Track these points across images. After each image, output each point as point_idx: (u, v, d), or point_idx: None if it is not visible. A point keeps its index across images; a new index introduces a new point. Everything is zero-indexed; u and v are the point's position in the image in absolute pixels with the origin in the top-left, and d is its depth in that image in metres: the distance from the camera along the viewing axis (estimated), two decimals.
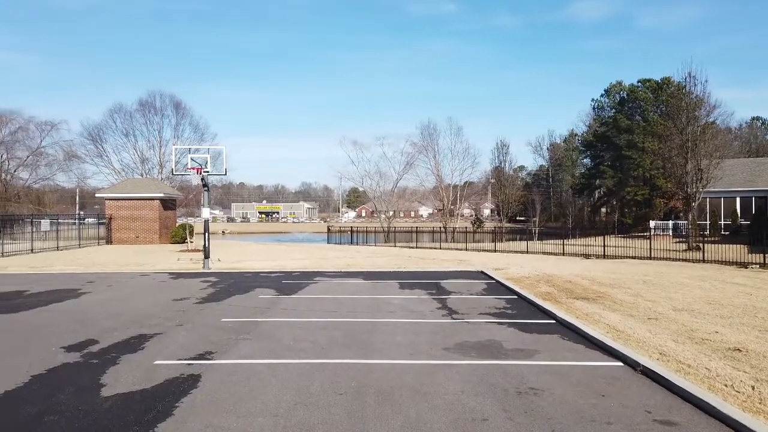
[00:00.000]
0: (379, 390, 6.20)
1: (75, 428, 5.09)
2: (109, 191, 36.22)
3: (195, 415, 5.43)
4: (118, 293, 13.90)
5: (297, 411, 5.55)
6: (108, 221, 33.95)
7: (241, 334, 9.05)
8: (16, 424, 5.20)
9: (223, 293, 13.72)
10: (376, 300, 12.64)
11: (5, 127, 49.79)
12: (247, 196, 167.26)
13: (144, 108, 56.43)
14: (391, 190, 59.62)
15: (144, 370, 6.99)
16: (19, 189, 50.57)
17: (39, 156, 51.60)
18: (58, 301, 12.57)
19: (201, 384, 6.41)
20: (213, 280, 16.47)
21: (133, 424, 5.19)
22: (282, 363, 7.29)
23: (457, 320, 10.30)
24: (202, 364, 7.27)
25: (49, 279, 16.75)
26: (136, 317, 10.52)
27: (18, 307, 11.76)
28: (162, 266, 20.31)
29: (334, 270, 19.06)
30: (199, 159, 19.95)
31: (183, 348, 8.13)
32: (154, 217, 34.03)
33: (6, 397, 5.94)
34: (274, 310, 11.30)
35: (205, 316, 10.65)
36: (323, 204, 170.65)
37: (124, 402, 5.80)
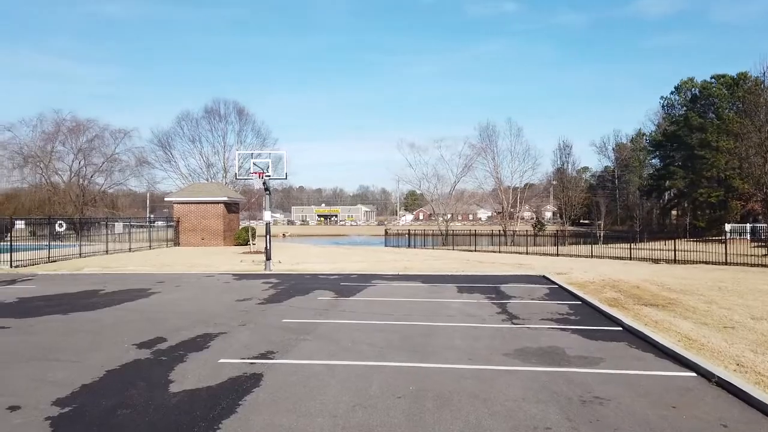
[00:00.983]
0: (437, 394, 6.14)
1: (146, 422, 5.32)
2: (176, 195, 37.82)
3: (257, 413, 5.56)
4: (185, 293, 14.47)
5: (356, 413, 5.58)
6: (176, 224, 35.47)
7: (301, 335, 9.20)
8: (93, 416, 5.49)
9: (283, 294, 14.02)
10: (433, 303, 12.56)
11: (83, 135, 52.96)
12: (306, 200, 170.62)
13: (209, 115, 58.54)
14: (449, 193, 59.19)
15: (209, 367, 7.22)
16: (95, 193, 53.63)
17: (113, 162, 54.53)
18: (130, 300, 13.22)
19: (263, 383, 6.56)
20: (274, 281, 16.85)
21: (199, 419, 5.37)
22: (341, 364, 7.35)
23: (518, 325, 10.07)
24: (264, 363, 7.44)
25: (121, 279, 17.65)
26: (202, 317, 10.91)
27: (94, 305, 12.45)
28: (226, 267, 20.99)
29: (392, 273, 19.10)
30: (260, 163, 20.51)
31: (246, 347, 8.36)
32: (219, 220, 35.25)
33: (83, 391, 6.29)
34: (332, 312, 11.43)
35: (267, 317, 10.91)
36: (381, 207, 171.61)
37: (191, 398, 6.02)
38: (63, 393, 6.16)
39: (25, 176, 50.86)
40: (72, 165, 52.66)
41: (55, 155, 52.12)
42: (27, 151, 50.66)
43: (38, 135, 51.49)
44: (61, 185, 51.82)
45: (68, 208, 48.51)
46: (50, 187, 50.95)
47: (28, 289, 15.26)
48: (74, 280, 17.45)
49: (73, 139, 52.48)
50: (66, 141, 52.46)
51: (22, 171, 50.47)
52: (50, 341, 8.79)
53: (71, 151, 52.65)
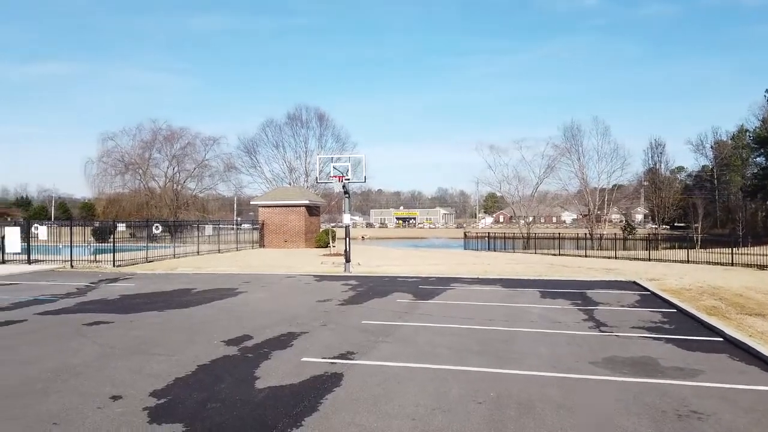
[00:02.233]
0: (519, 401, 5.96)
1: (234, 416, 5.54)
2: (261, 199, 39.35)
3: (338, 412, 5.64)
4: (269, 293, 14.99)
5: (435, 416, 5.52)
6: (260, 227, 36.92)
7: (381, 337, 9.26)
8: (186, 408, 5.79)
9: (363, 296, 14.18)
10: (515, 308, 12.24)
11: (177, 143, 56.39)
12: (384, 203, 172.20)
13: (292, 121, 60.59)
14: (531, 195, 57.62)
15: (292, 365, 7.42)
16: (187, 198, 56.90)
17: (203, 168, 57.65)
18: (219, 299, 13.87)
19: (343, 382, 6.65)
20: (353, 283, 17.10)
21: (283, 416, 5.52)
22: (420, 367, 7.32)
23: (606, 333, 9.60)
24: (344, 363, 7.55)
25: (211, 279, 18.58)
26: (285, 316, 11.25)
27: (187, 303, 13.17)
28: (307, 269, 21.55)
29: (471, 276, 18.83)
30: (340, 167, 20.90)
31: (327, 347, 8.52)
32: (301, 222, 36.32)
33: (177, 384, 6.65)
34: (411, 315, 11.42)
35: (347, 318, 11.07)
36: (459, 209, 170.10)
37: (275, 395, 6.20)
38: (159, 385, 6.55)
39: (126, 182, 54.87)
40: (167, 171, 56.26)
41: (152, 162, 55.86)
42: (128, 158, 54.64)
43: (137, 143, 55.40)
44: (157, 190, 55.42)
45: (164, 211, 51.81)
46: (148, 191, 54.63)
47: (128, 287, 16.41)
48: (169, 279, 18.57)
49: (168, 146, 56.06)
50: (162, 148, 56.12)
51: (124, 177, 54.50)
52: (148, 336, 9.38)
53: (166, 158, 56.27)
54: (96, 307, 12.41)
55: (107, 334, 9.51)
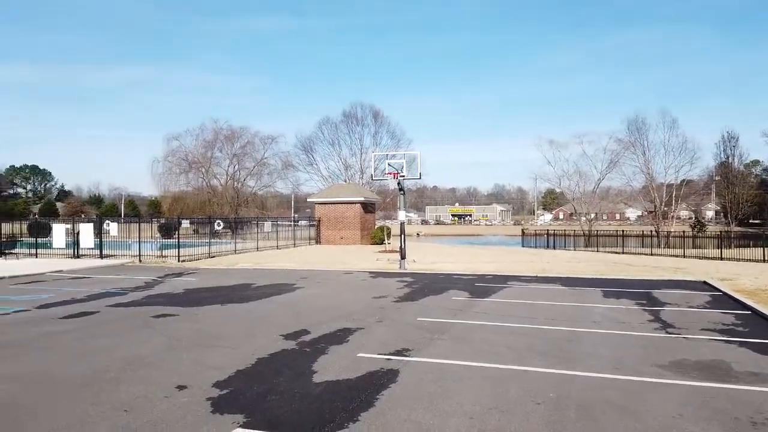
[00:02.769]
0: (580, 403, 5.78)
1: (293, 409, 5.65)
2: (317, 196, 39.99)
3: (394, 408, 5.65)
4: (325, 289, 15.21)
5: (492, 415, 5.44)
6: (317, 223, 37.52)
7: (436, 334, 9.21)
8: (246, 400, 5.95)
9: (418, 293, 14.16)
10: (576, 308, 11.90)
11: (237, 142, 58.13)
12: (440, 199, 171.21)
13: (347, 119, 61.29)
14: (593, 191, 55.69)
15: (349, 361, 7.50)
16: (247, 195, 58.58)
17: (262, 166, 59.19)
18: (277, 294, 14.19)
19: (399, 379, 6.66)
20: (408, 280, 17.10)
21: (340, 410, 5.58)
22: (476, 366, 7.23)
23: (673, 335, 9.18)
24: (400, 360, 7.56)
25: (270, 274, 19.03)
26: (341, 312, 11.38)
27: (247, 298, 13.55)
28: (363, 265, 21.72)
29: (530, 274, 18.44)
30: (395, 164, 20.93)
31: (382, 343, 8.55)
32: (356, 219, 36.66)
33: (238, 376, 6.85)
34: (468, 313, 11.30)
35: (402, 315, 11.08)
36: (517, 206, 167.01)
37: (332, 389, 6.28)
38: (221, 377, 6.77)
39: (190, 180, 57.05)
40: (228, 169, 58.10)
41: (214, 161, 57.83)
42: (191, 157, 56.76)
43: (200, 143, 57.49)
44: (218, 188, 57.31)
45: (225, 208, 53.55)
46: (210, 189, 56.59)
47: (192, 281, 17.05)
48: (230, 274, 19.17)
49: (228, 145, 57.87)
50: (223, 148, 58.00)
51: (187, 176, 56.68)
52: (210, 329, 9.71)
53: (227, 157, 58.12)
54: (162, 301, 12.96)
55: (173, 327, 9.91)
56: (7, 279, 17.33)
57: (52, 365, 7.31)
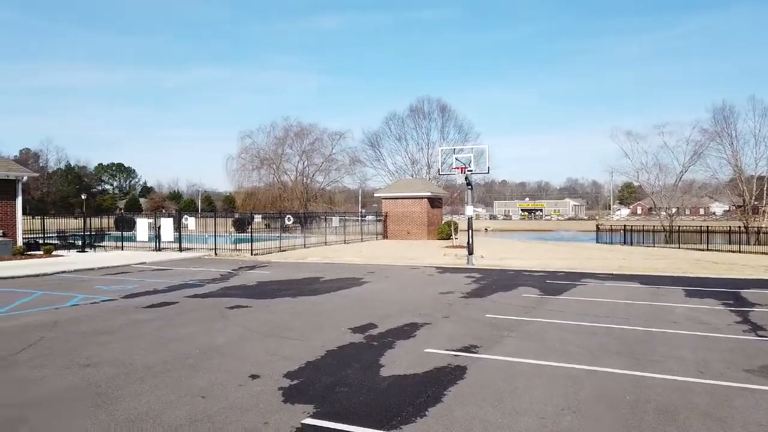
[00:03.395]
0: (660, 407, 5.49)
1: (360, 402, 5.71)
2: (384, 191, 40.20)
3: (461, 405, 5.58)
4: (392, 284, 15.27)
5: (564, 416, 5.26)
6: (383, 218, 37.75)
7: (505, 331, 9.03)
8: (316, 391, 6.07)
9: (486, 289, 13.94)
10: (655, 307, 11.32)
11: (306, 138, 59.45)
12: (509, 194, 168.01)
13: (414, 114, 61.24)
14: (674, 184, 52.73)
15: (415, 356, 7.49)
16: (316, 191, 59.84)
17: (330, 162, 60.19)
18: (345, 287, 14.40)
19: (467, 376, 6.58)
20: (476, 276, 16.87)
21: (407, 405, 5.58)
22: (547, 365, 7.02)
23: (764, 338, 8.54)
24: (467, 356, 7.47)
25: (338, 268, 19.34)
26: (407, 307, 11.39)
27: (316, 291, 13.83)
28: (429, 261, 21.65)
29: (605, 272, 17.73)
30: (462, 158, 20.69)
31: (450, 339, 8.48)
32: (423, 214, 36.58)
33: (308, 367, 7.00)
34: (538, 310, 11.01)
35: (470, 311, 10.95)
36: (591, 201, 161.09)
37: (399, 383, 6.29)
38: (292, 367, 6.94)
39: (262, 176, 58.96)
40: (297, 165, 59.53)
41: (284, 157, 59.41)
42: (263, 154, 58.60)
43: (271, 140, 59.24)
44: (289, 183, 58.86)
45: (295, 203, 54.95)
46: (281, 185, 58.22)
47: (264, 274, 17.61)
48: (300, 267, 19.64)
49: (298, 142, 59.28)
50: (293, 144, 59.48)
51: (259, 172, 58.60)
52: (282, 320, 9.98)
53: (297, 153, 59.56)
54: (237, 292, 13.46)
55: (246, 318, 10.27)
56: (97, 270, 18.57)
57: (136, 352, 7.75)
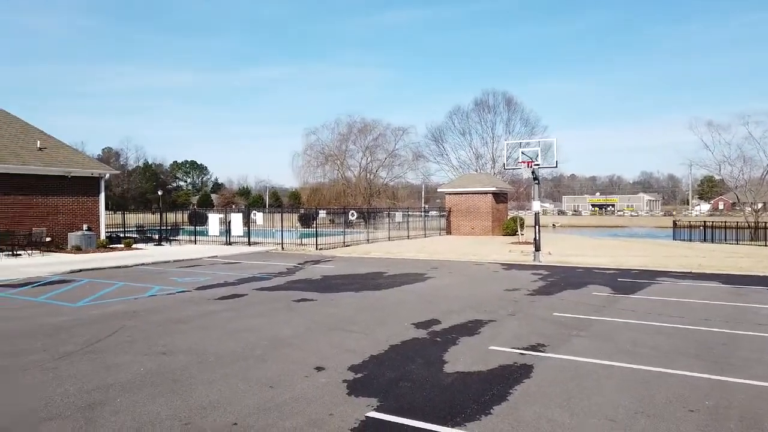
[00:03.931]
0: (743, 414, 5.14)
1: (424, 397, 5.69)
2: (448, 186, 39.90)
3: (527, 404, 5.45)
4: (456, 280, 15.14)
5: (638, 420, 5.03)
6: (447, 214, 37.49)
7: (574, 330, 8.75)
8: (380, 384, 6.11)
9: (554, 287, 13.56)
10: (737, 308, 10.63)
11: (369, 134, 59.98)
12: (578, 189, 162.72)
13: (479, 107, 60.50)
14: (761, 178, 49.16)
15: (480, 353, 7.38)
16: (379, 186, 60.26)
17: (393, 157, 60.48)
18: (408, 283, 14.40)
19: (533, 375, 6.42)
20: (543, 272, 16.45)
21: (471, 402, 5.51)
22: (619, 366, 6.74)
23: None
24: (534, 355, 7.29)
25: (401, 263, 19.38)
26: (472, 303, 11.25)
27: (379, 286, 13.92)
28: (494, 257, 21.31)
29: (682, 270, 16.83)
30: (529, 152, 20.20)
31: (515, 337, 8.31)
32: (487, 209, 36.04)
33: (372, 361, 7.05)
34: (609, 309, 10.60)
35: (536, 308, 10.69)
36: (667, 195, 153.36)
37: (462, 380, 6.23)
38: (356, 360, 7.01)
39: (326, 172, 60.07)
40: (361, 161, 60.20)
41: (348, 153, 60.26)
42: (327, 151, 59.66)
43: (335, 137, 60.22)
44: (352, 179, 59.62)
45: (358, 199, 55.55)
46: (344, 181, 59.05)
47: (328, 268, 17.91)
48: (363, 262, 19.84)
49: (361, 138, 59.93)
50: (356, 140, 60.19)
51: (324, 168, 59.73)
52: (345, 314, 10.12)
53: (360, 149, 60.23)
54: (302, 286, 13.76)
55: (311, 311, 10.48)
56: (172, 263, 19.51)
57: (208, 341, 8.07)
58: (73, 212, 23.86)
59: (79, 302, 11.29)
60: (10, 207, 21.66)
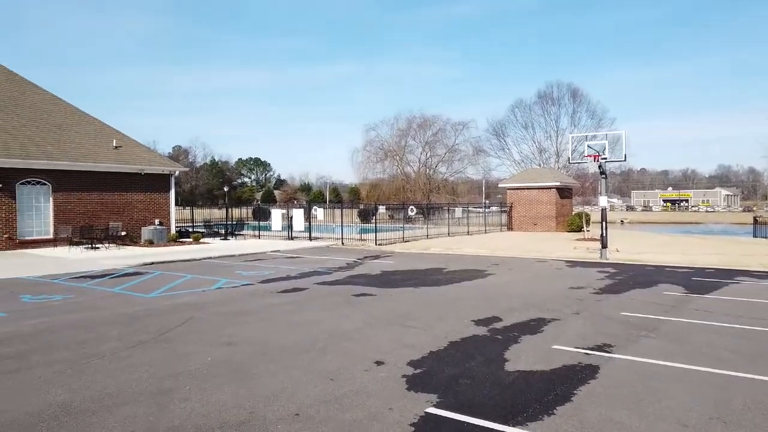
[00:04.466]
0: None
1: (484, 394, 5.61)
2: (509, 181, 39.13)
3: (593, 405, 5.27)
4: (518, 277, 14.83)
5: (712, 426, 4.76)
6: (509, 209, 36.79)
7: (643, 331, 8.38)
8: (439, 380, 6.06)
9: (621, 285, 13.05)
10: None
11: (429, 129, 59.67)
12: (648, 183, 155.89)
13: (542, 100, 58.93)
14: None
15: (542, 352, 7.20)
16: (438, 181, 59.89)
17: (453, 152, 59.89)
18: (468, 279, 14.24)
19: (599, 375, 6.19)
20: (610, 271, 15.86)
21: (533, 401, 5.38)
22: (692, 369, 6.39)
23: None
24: (600, 355, 7.03)
25: (461, 259, 19.19)
26: (534, 301, 10.99)
27: (439, 282, 13.84)
28: (558, 254, 20.73)
29: (764, 270, 15.79)
30: (596, 146, 19.51)
31: (580, 337, 8.05)
32: (551, 205, 35.09)
33: (431, 356, 7.02)
34: (682, 310, 10.08)
35: (603, 308, 10.31)
36: (747, 190, 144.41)
37: (524, 379, 6.09)
38: (415, 356, 7.00)
39: (385, 168, 60.24)
40: (420, 157, 60.02)
41: (407, 149, 60.21)
42: (386, 146, 59.84)
43: (395, 132, 60.27)
44: (411, 175, 59.54)
45: (417, 194, 55.47)
46: (404, 176, 59.06)
47: (388, 264, 17.97)
48: (422, 258, 19.78)
49: (421, 133, 59.71)
50: (416, 136, 60.03)
51: (383, 164, 59.93)
52: (404, 309, 10.12)
53: (420, 145, 60.03)
54: (362, 281, 13.88)
55: (370, 305, 10.55)
56: (237, 256, 20.16)
57: (271, 333, 8.28)
58: (146, 208, 25.12)
59: (151, 293, 11.87)
60: (89, 203, 23.06)
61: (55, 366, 6.59)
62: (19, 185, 21.12)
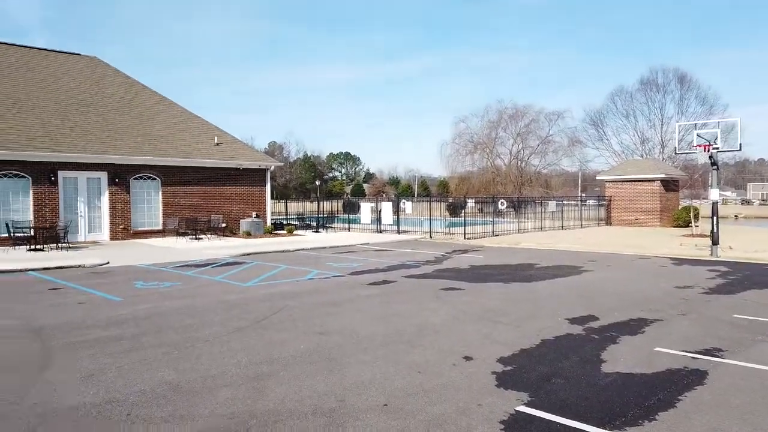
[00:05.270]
0: None
1: (578, 395, 5.37)
2: (608, 174, 37.19)
3: (699, 413, 4.89)
4: (616, 274, 14.09)
5: None
6: (607, 203, 34.99)
7: (759, 336, 7.67)
8: (530, 379, 5.89)
9: (735, 285, 12.02)
10: None
11: (521, 120, 57.91)
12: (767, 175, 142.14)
13: (645, 87, 55.52)
14: None
15: (643, 354, 6.79)
16: (530, 174, 58.04)
17: (547, 144, 57.71)
18: (562, 275, 13.72)
19: (707, 382, 5.74)
20: (722, 269, 14.66)
21: (632, 405, 5.09)
22: None
23: None
24: (708, 360, 6.52)
25: (554, 255, 18.52)
26: (634, 300, 10.39)
27: (530, 277, 13.44)
28: (662, 250, 19.46)
29: None
30: (706, 135, 18.08)
31: (686, 339, 7.51)
32: (654, 198, 32.97)
33: (522, 354, 6.83)
34: None
35: (713, 309, 9.55)
36: None
37: (622, 381, 5.77)
38: (505, 353, 6.84)
39: (475, 161, 59.23)
40: (511, 149, 58.43)
41: (498, 141, 58.78)
42: (476, 139, 58.82)
43: (485, 124, 59.06)
44: (502, 167, 58.18)
45: (508, 187, 54.13)
46: (494, 169, 57.85)
47: (477, 258, 17.72)
48: (513, 253, 19.31)
49: (512, 124, 58.08)
50: (507, 127, 58.46)
51: (473, 156, 58.95)
52: (494, 305, 9.92)
53: (511, 136, 58.42)
54: (450, 275, 13.78)
55: (459, 300, 10.45)
56: (329, 249, 20.73)
57: (360, 324, 8.43)
58: (244, 201, 26.47)
59: (248, 282, 12.48)
60: (193, 196, 24.67)
61: (163, 347, 7.11)
62: (133, 180, 23.00)
